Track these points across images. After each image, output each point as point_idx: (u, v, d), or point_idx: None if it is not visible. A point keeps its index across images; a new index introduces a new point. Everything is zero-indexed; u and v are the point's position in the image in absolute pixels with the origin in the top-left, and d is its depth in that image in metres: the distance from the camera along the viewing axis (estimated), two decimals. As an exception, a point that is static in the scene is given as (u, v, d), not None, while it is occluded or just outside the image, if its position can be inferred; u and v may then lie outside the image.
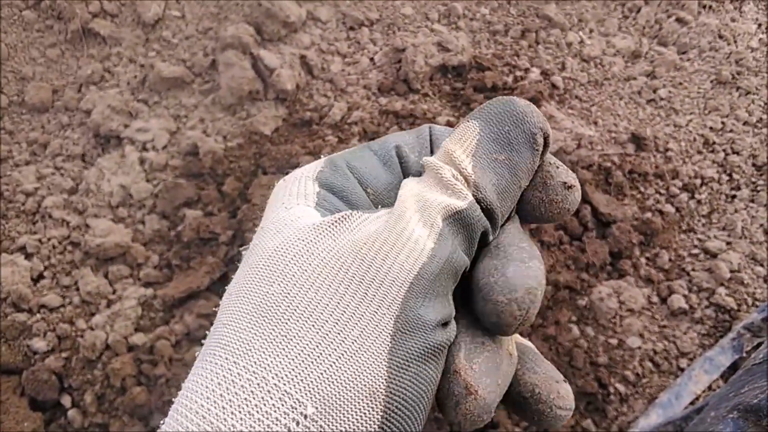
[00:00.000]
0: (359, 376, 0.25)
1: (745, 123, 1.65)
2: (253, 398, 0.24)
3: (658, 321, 1.37)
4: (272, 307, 0.27)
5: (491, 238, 0.33)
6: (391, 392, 0.26)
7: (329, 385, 0.25)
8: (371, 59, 1.79)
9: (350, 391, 0.25)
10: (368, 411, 0.25)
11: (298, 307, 0.27)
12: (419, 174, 0.34)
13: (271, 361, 0.25)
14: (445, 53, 1.74)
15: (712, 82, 1.73)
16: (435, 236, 0.29)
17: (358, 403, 0.25)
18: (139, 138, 1.66)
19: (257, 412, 0.24)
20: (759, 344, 1.25)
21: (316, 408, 0.24)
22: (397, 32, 1.83)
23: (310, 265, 0.28)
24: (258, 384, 0.25)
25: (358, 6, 1.87)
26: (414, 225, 0.29)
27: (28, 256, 1.51)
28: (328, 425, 0.24)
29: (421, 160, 0.33)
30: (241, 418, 0.24)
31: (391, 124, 1.62)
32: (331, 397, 0.25)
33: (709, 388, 1.26)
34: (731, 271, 1.40)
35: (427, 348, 0.27)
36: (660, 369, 1.31)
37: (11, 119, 1.75)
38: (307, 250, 0.29)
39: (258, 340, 0.26)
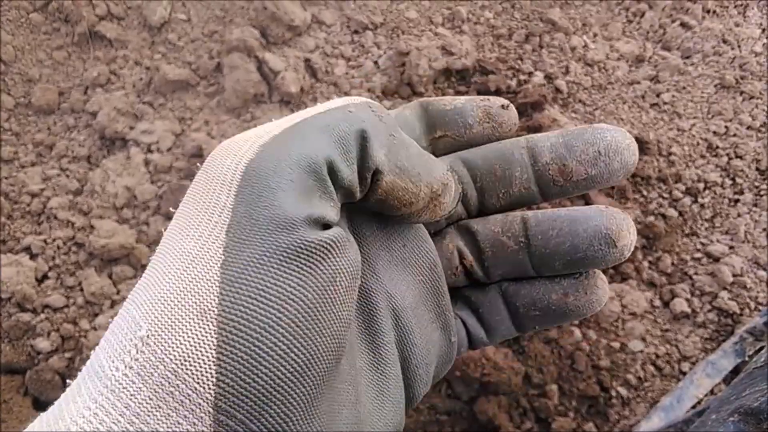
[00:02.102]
0: (186, 291, 0.22)
1: (749, 127, 1.65)
2: (116, 328, 0.23)
3: (660, 325, 1.37)
4: (165, 240, 0.26)
5: (376, 151, 0.27)
6: (224, 308, 0.22)
7: (161, 303, 0.22)
8: (375, 62, 1.79)
9: (178, 307, 0.22)
10: (200, 332, 0.22)
11: (161, 243, 0.25)
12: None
13: (134, 293, 0.24)
14: (449, 57, 1.74)
15: (715, 86, 1.73)
16: (271, 136, 0.26)
17: (189, 323, 0.22)
18: (144, 140, 1.67)
19: (113, 338, 0.23)
20: (761, 348, 1.25)
21: (150, 330, 0.22)
22: (401, 36, 1.84)
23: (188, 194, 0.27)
24: (121, 314, 0.23)
25: (362, 10, 1.88)
26: (257, 129, 0.27)
27: (33, 257, 1.52)
28: (161, 348, 0.21)
29: None
30: (103, 347, 0.23)
31: (394, 127, 1.63)
32: (162, 317, 0.22)
33: (711, 392, 1.26)
34: (734, 275, 1.40)
35: (273, 251, 0.23)
36: (662, 373, 1.31)
37: (17, 121, 1.76)
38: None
39: (139, 282, 0.25)
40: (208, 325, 0.22)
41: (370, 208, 0.30)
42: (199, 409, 0.21)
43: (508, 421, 1.23)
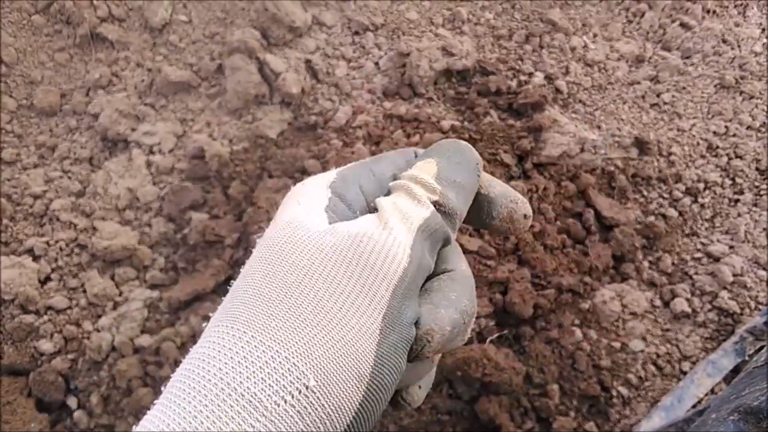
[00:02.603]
0: (353, 361, 0.31)
1: (749, 127, 1.65)
2: (267, 367, 0.29)
3: (660, 324, 1.38)
4: (288, 294, 0.32)
5: (452, 239, 0.39)
6: (373, 377, 0.31)
7: (330, 365, 0.30)
8: (376, 63, 1.80)
9: (345, 372, 0.30)
10: (354, 390, 0.30)
11: (308, 295, 0.32)
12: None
13: (285, 339, 0.30)
14: (449, 57, 1.75)
15: (715, 86, 1.74)
16: (411, 242, 0.35)
17: (349, 383, 0.30)
18: (146, 141, 1.67)
19: (269, 378, 0.29)
20: (761, 347, 1.26)
21: (317, 382, 0.29)
22: (402, 37, 1.84)
23: (317, 258, 0.34)
24: (272, 356, 0.29)
25: (363, 11, 1.88)
26: (398, 231, 0.35)
27: (36, 259, 1.53)
28: (323, 397, 0.29)
29: (390, 182, 0.40)
30: (254, 382, 0.28)
31: (395, 128, 1.63)
32: (330, 375, 0.30)
33: (712, 391, 1.26)
34: (734, 275, 1.41)
35: (403, 342, 0.33)
36: (663, 372, 1.32)
37: (20, 123, 1.77)
38: (314, 246, 0.34)
39: (275, 320, 0.31)
40: (360, 386, 0.31)
41: None
42: None
43: (509, 420, 1.24)
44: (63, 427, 1.35)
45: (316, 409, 0.29)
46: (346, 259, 0.33)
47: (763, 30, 1.84)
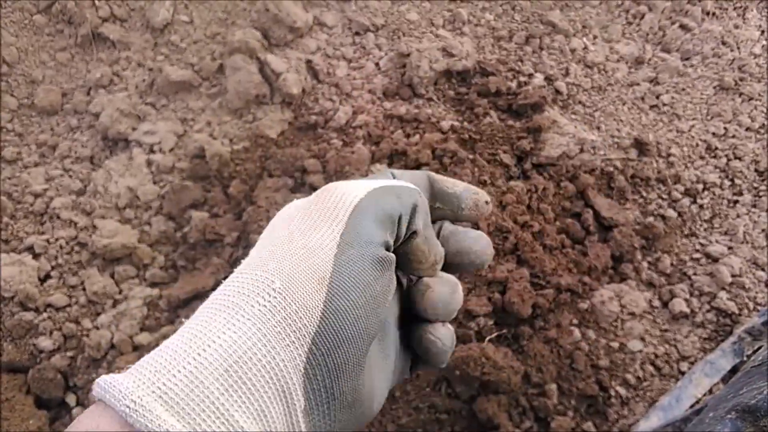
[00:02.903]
0: (312, 266, 0.38)
1: (748, 129, 1.66)
2: (248, 284, 0.37)
3: (659, 325, 1.38)
4: (274, 236, 0.42)
5: (419, 220, 0.45)
6: (333, 280, 0.37)
7: (292, 270, 0.37)
8: (376, 64, 1.80)
9: (305, 274, 0.37)
10: (315, 291, 0.36)
11: (285, 231, 0.41)
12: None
13: (264, 263, 0.38)
14: (449, 58, 1.75)
15: (715, 88, 1.74)
16: (371, 189, 0.42)
17: (309, 284, 0.37)
18: (146, 140, 1.68)
19: (248, 291, 0.36)
20: (759, 348, 1.26)
21: (282, 283, 0.36)
22: (402, 37, 1.85)
23: (297, 207, 0.43)
24: (253, 276, 0.37)
25: (363, 11, 1.89)
26: (360, 183, 0.43)
27: (36, 256, 1.53)
28: (288, 296, 0.36)
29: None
30: (239, 296, 0.36)
31: (395, 128, 1.64)
32: (293, 277, 0.37)
33: (710, 391, 1.26)
34: (733, 276, 1.41)
35: (365, 259, 0.39)
36: (661, 372, 1.32)
37: (21, 122, 1.77)
38: (294, 206, 0.44)
39: (261, 256, 0.40)
40: (322, 288, 0.37)
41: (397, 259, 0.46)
42: (303, 338, 0.35)
43: (508, 420, 1.24)
44: (62, 425, 1.35)
45: (284, 307, 0.35)
46: (313, 200, 0.42)
47: (763, 32, 1.85)
